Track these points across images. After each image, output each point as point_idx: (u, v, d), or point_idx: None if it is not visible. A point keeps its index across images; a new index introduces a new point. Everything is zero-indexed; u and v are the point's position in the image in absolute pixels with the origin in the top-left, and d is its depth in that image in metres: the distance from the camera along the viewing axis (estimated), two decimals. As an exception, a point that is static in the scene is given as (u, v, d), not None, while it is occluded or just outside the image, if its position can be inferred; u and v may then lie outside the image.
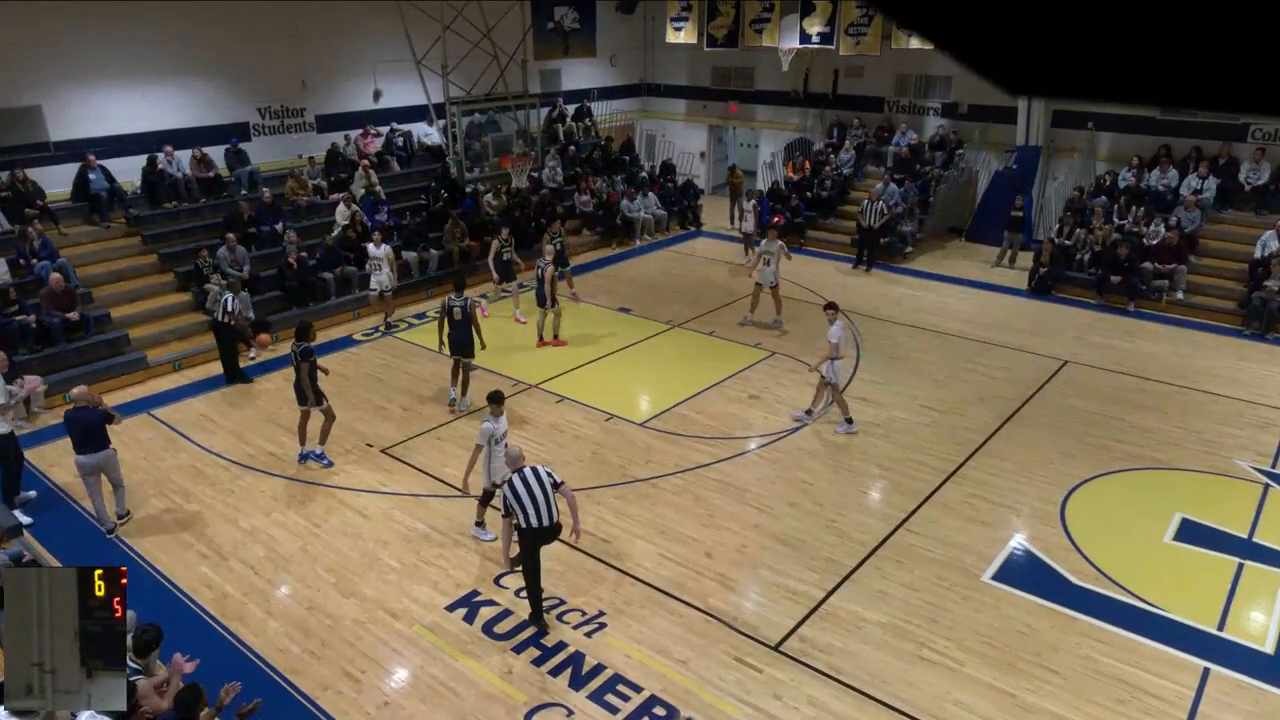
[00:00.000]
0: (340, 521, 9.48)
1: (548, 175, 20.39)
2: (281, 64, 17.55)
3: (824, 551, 8.89)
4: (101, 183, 14.99)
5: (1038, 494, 9.94)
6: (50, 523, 9.55)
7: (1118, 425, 11.55)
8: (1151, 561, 8.75)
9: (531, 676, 7.25)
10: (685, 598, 8.20)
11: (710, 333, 14.85)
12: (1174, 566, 8.70)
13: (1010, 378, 13.07)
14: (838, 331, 11.00)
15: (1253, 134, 17.46)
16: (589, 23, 23.70)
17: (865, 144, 21.72)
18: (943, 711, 6.86)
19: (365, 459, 10.79)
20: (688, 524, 9.36)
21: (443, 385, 12.78)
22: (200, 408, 12.29)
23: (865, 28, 20.07)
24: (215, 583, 8.48)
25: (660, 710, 6.88)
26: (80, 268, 14.05)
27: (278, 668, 7.36)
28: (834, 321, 11.11)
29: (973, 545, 8.97)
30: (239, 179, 16.65)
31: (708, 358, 13.76)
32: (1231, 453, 10.86)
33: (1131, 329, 15.27)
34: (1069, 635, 7.69)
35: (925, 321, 15.47)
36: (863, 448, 11.00)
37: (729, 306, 15.66)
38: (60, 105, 14.95)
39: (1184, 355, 14.02)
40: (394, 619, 7.94)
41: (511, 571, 8.17)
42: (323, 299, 15.33)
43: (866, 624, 7.84)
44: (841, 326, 11.19)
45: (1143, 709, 6.87)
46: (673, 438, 11.26)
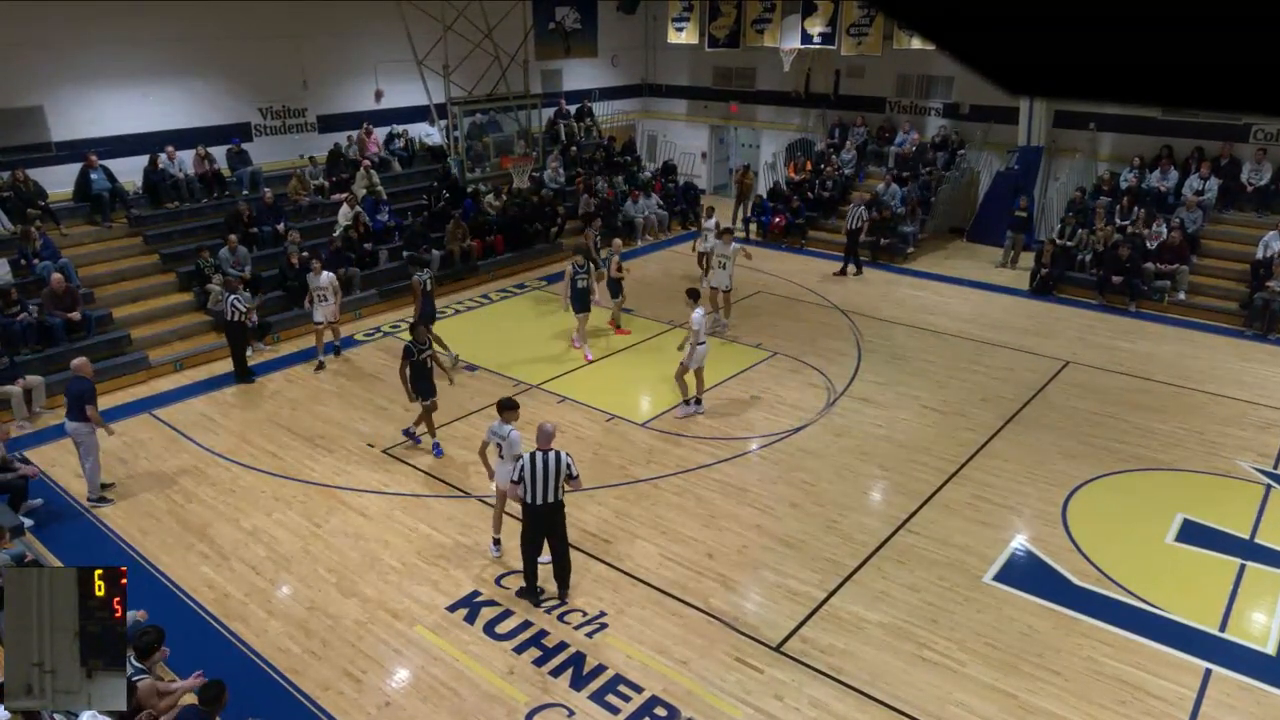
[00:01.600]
0: (341, 522, 9.49)
1: (549, 176, 20.39)
2: (283, 64, 17.57)
3: (825, 552, 8.88)
4: (103, 183, 15.00)
5: (1039, 495, 9.94)
6: (53, 523, 9.56)
7: (1119, 426, 11.54)
8: (1153, 562, 8.74)
9: (533, 677, 7.25)
10: (686, 598, 8.20)
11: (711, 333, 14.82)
12: (1176, 567, 8.69)
13: (1012, 378, 13.06)
14: (698, 318, 11.31)
15: (1254, 134, 17.45)
16: (590, 23, 23.71)
17: (867, 144, 21.73)
18: (944, 712, 6.85)
19: (366, 459, 10.79)
20: (689, 524, 9.36)
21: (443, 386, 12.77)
22: (202, 408, 12.30)
23: (867, 28, 20.07)
24: (216, 583, 8.48)
25: (661, 711, 6.87)
26: (82, 268, 14.07)
27: (279, 668, 7.36)
28: (695, 309, 11.42)
29: (974, 546, 8.97)
30: (240, 179, 16.66)
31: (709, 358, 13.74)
32: (1233, 453, 10.85)
33: (1133, 329, 15.26)
34: (1070, 636, 7.68)
35: (927, 322, 15.47)
36: (864, 448, 10.99)
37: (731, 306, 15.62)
38: (62, 106, 14.97)
39: (1186, 356, 14.01)
40: (395, 619, 7.94)
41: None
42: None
43: (868, 625, 7.84)
44: (703, 313, 11.49)
45: (1144, 710, 6.87)
46: (674, 438, 11.26)
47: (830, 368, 13.38)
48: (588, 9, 23.51)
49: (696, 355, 11.49)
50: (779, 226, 20.40)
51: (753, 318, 15.53)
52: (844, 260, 18.31)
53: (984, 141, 20.48)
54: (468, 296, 16.95)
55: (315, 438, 11.34)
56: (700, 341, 11.39)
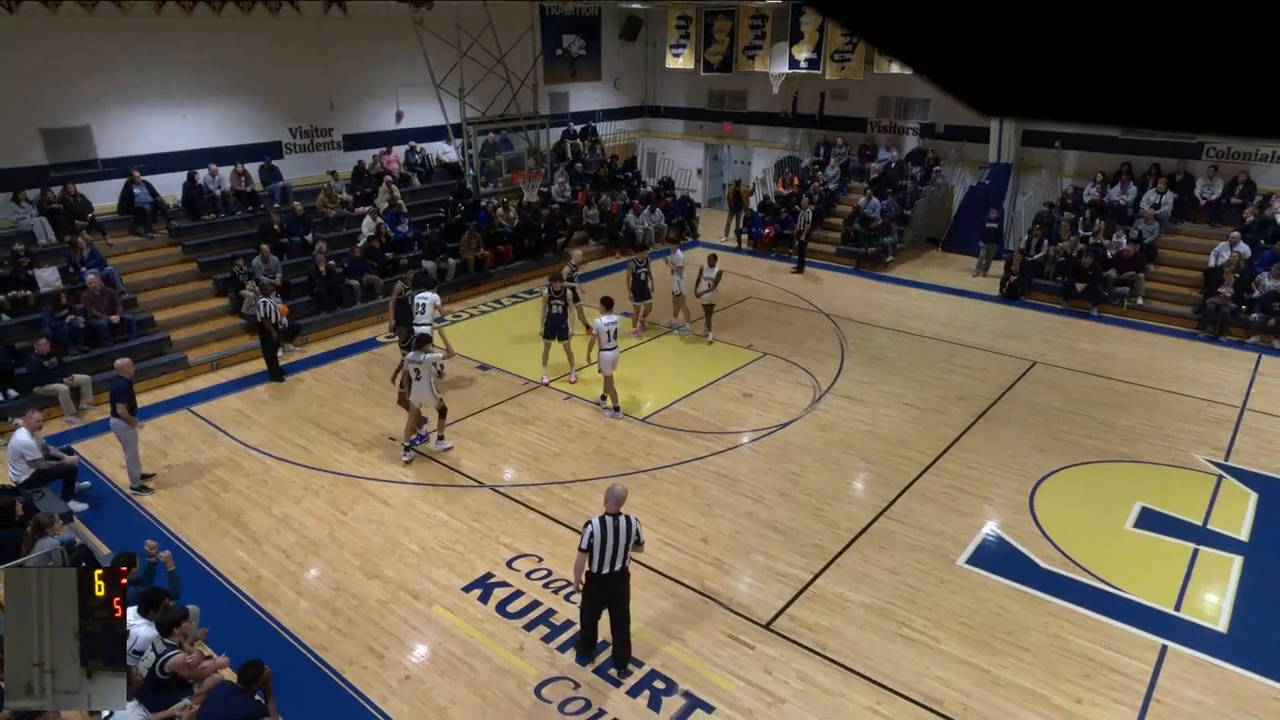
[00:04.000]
0: (365, 509, 9.48)
1: (557, 190, 20.39)
2: (311, 87, 17.56)
3: (812, 538, 8.88)
4: (145, 197, 15.01)
5: (1010, 485, 9.93)
6: (99, 511, 9.56)
7: (1084, 421, 11.53)
8: (1114, 547, 8.73)
9: (541, 652, 7.24)
10: (683, 580, 8.19)
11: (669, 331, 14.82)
12: (1135, 551, 8.68)
13: (984, 377, 13.05)
14: (599, 325, 11.21)
15: (1207, 152, 17.44)
16: (594, 49, 23.73)
17: (849, 161, 21.72)
18: (922, 685, 6.84)
19: (389, 452, 10.78)
20: (686, 512, 9.36)
21: (461, 385, 12.79)
22: (236, 404, 12.29)
23: (850, 54, 20.05)
24: (250, 565, 8.48)
25: (660, 684, 6.87)
26: (126, 275, 14.07)
27: (307, 644, 7.36)
28: (601, 316, 11.31)
29: (949, 532, 8.96)
30: (272, 193, 16.66)
31: (704, 359, 13.76)
32: (1189, 447, 10.84)
33: (1095, 332, 15.24)
34: (1039, 615, 7.67)
35: (906, 325, 15.45)
36: (849, 442, 10.98)
37: (724, 311, 15.63)
38: (107, 125, 14.97)
39: (1144, 356, 14.00)
40: (414, 599, 7.93)
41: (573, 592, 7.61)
42: (349, 304, 15.34)
43: (851, 604, 7.83)
44: (609, 321, 11.20)
45: (1107, 684, 6.86)
46: (672, 433, 11.25)
47: (816, 368, 13.37)
48: (592, 36, 23.52)
49: (604, 361, 11.29)
50: (769, 237, 20.39)
51: (744, 322, 15.52)
52: (797, 260, 18.99)
53: (958, 158, 20.47)
54: (481, 302, 16.94)
55: (341, 432, 11.34)
56: (608, 347, 11.22)
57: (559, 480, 10.07)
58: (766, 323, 15.51)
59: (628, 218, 20.35)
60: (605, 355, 11.29)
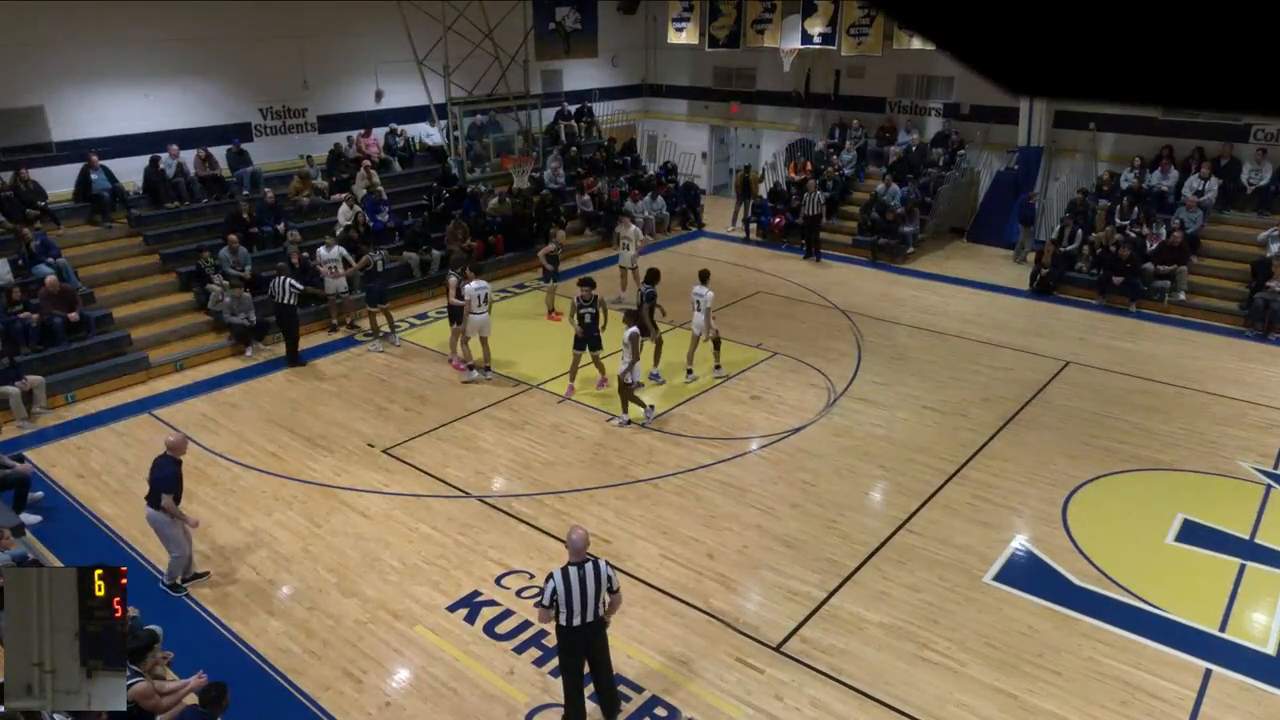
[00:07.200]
0: (342, 522, 9.48)
1: (549, 176, 20.39)
2: (283, 64, 17.57)
3: (825, 552, 8.88)
4: (104, 183, 15.00)
5: (1040, 495, 9.93)
6: (53, 524, 9.55)
7: (1120, 426, 11.54)
8: (1154, 563, 8.74)
9: (533, 677, 7.25)
10: (687, 598, 8.20)
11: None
12: (1176, 568, 8.69)
13: (1012, 378, 13.06)
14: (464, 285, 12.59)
15: (1254, 134, 17.44)
16: (590, 23, 23.68)
17: (866, 145, 21.73)
18: (944, 712, 6.85)
19: (367, 459, 10.79)
20: (689, 525, 9.36)
21: (444, 386, 12.80)
22: (202, 408, 12.30)
23: (867, 28, 20.07)
24: (216, 583, 8.48)
25: (662, 711, 6.87)
26: (82, 268, 14.07)
27: (279, 668, 7.36)
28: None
29: (974, 546, 8.96)
30: (241, 179, 16.66)
31: (709, 358, 13.74)
32: (1233, 454, 10.85)
33: (1133, 329, 15.25)
34: (1071, 636, 7.68)
35: (927, 322, 15.47)
36: (865, 448, 10.99)
37: (731, 306, 15.65)
38: (63, 106, 14.97)
39: (1186, 356, 14.01)
40: (395, 619, 7.94)
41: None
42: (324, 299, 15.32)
43: (868, 625, 7.84)
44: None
45: (1145, 710, 6.86)
46: (674, 438, 11.26)
47: (830, 368, 13.38)
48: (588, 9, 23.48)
49: (471, 324, 12.61)
50: (779, 227, 20.40)
51: (753, 318, 15.53)
52: (806, 251, 19.17)
53: (984, 142, 20.47)
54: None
55: (316, 438, 11.34)
56: (476, 311, 12.53)
57: (552, 490, 10.08)
58: (776, 319, 15.52)
59: (626, 205, 20.36)
60: (473, 319, 12.53)
